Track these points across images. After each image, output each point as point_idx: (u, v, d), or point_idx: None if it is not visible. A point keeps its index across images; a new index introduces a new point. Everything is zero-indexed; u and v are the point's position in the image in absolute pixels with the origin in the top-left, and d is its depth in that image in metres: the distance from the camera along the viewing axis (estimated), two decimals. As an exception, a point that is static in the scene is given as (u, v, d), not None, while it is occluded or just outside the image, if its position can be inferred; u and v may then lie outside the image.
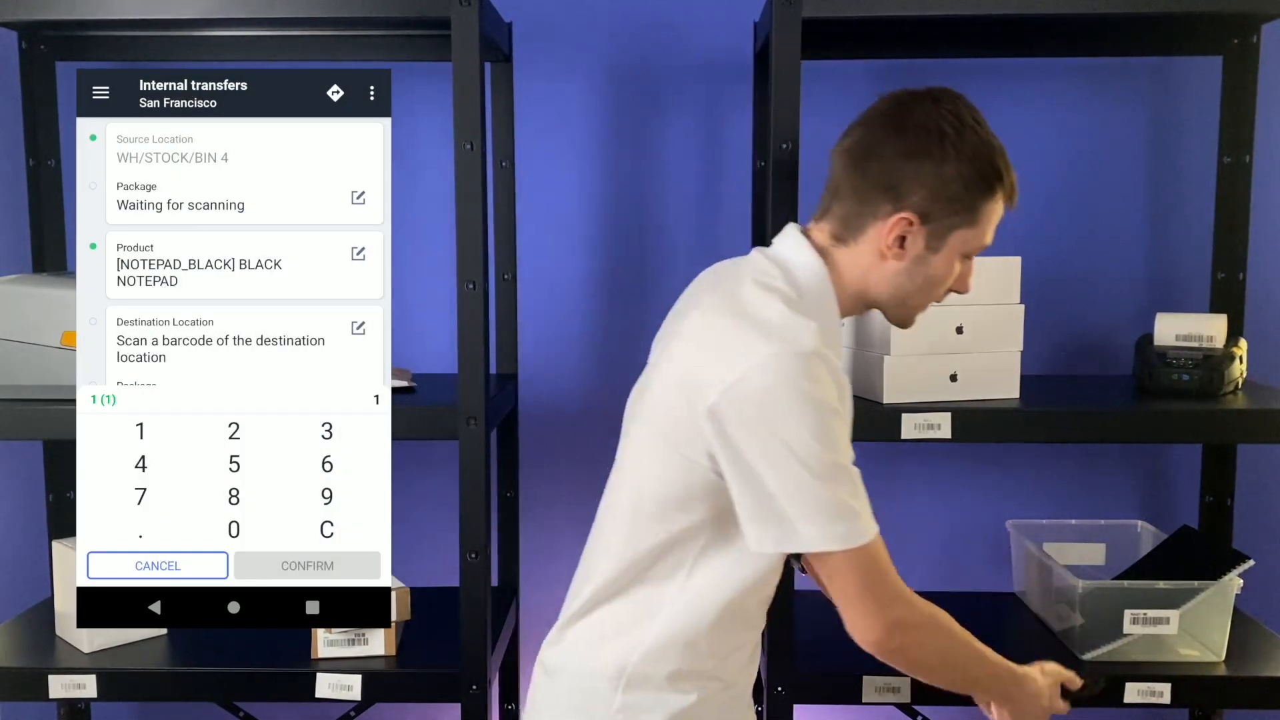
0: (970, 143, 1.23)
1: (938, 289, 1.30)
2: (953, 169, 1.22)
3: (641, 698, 1.23)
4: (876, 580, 1.19)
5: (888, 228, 1.24)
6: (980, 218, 1.25)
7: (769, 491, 1.15)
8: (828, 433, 1.14)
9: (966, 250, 1.27)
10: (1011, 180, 1.27)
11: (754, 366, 1.14)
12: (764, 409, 1.13)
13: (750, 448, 1.15)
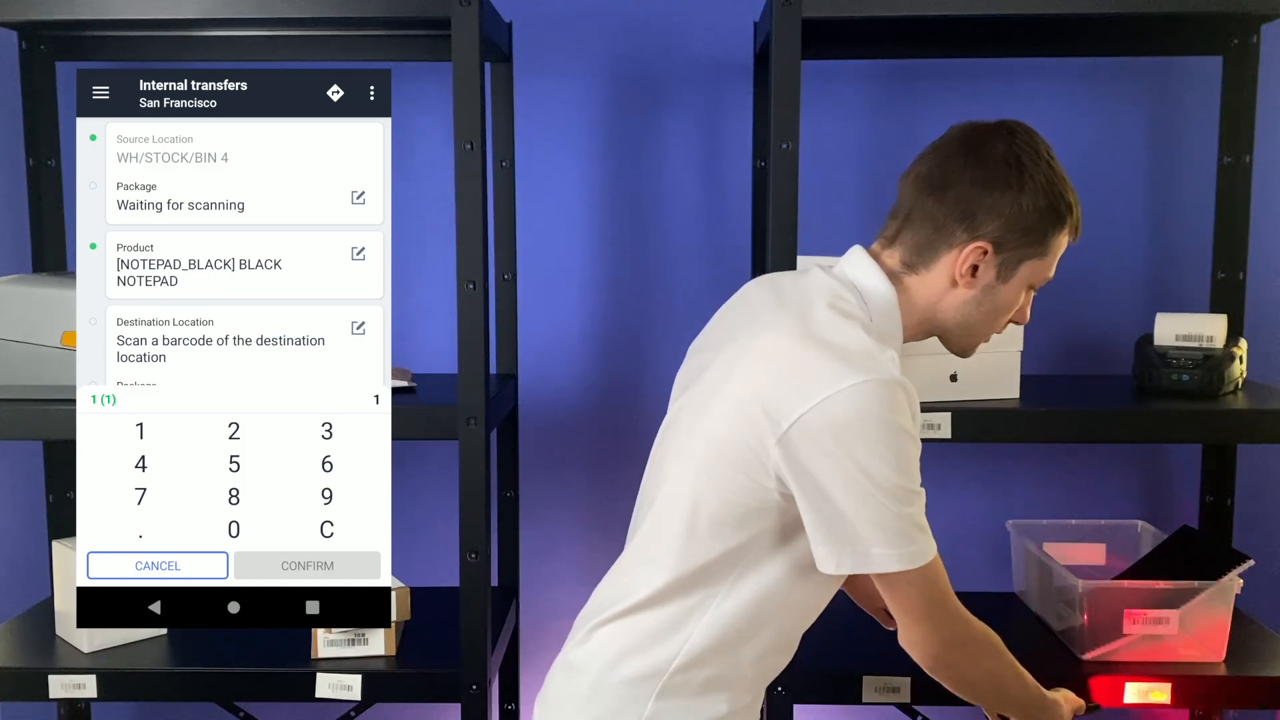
0: (1045, 175, 1.26)
1: (1001, 319, 1.33)
2: (1029, 200, 1.24)
3: (673, 705, 1.23)
4: (939, 598, 1.22)
5: (963, 256, 1.25)
6: (1049, 250, 1.29)
7: (844, 516, 1.16)
8: (906, 461, 1.16)
9: (1034, 282, 1.31)
10: (1079, 214, 1.30)
11: (837, 394, 1.14)
12: (845, 437, 1.14)
13: (827, 474, 1.15)
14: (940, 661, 1.26)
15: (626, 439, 2.18)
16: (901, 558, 1.17)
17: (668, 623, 1.24)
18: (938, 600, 1.22)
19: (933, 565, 1.20)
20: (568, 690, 1.29)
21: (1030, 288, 1.32)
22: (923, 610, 1.22)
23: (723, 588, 1.23)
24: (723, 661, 1.24)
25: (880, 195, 2.17)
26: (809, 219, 1.78)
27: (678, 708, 1.23)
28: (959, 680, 1.30)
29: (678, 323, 2.19)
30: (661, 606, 1.24)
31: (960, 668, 1.29)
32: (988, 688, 1.34)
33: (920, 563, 1.18)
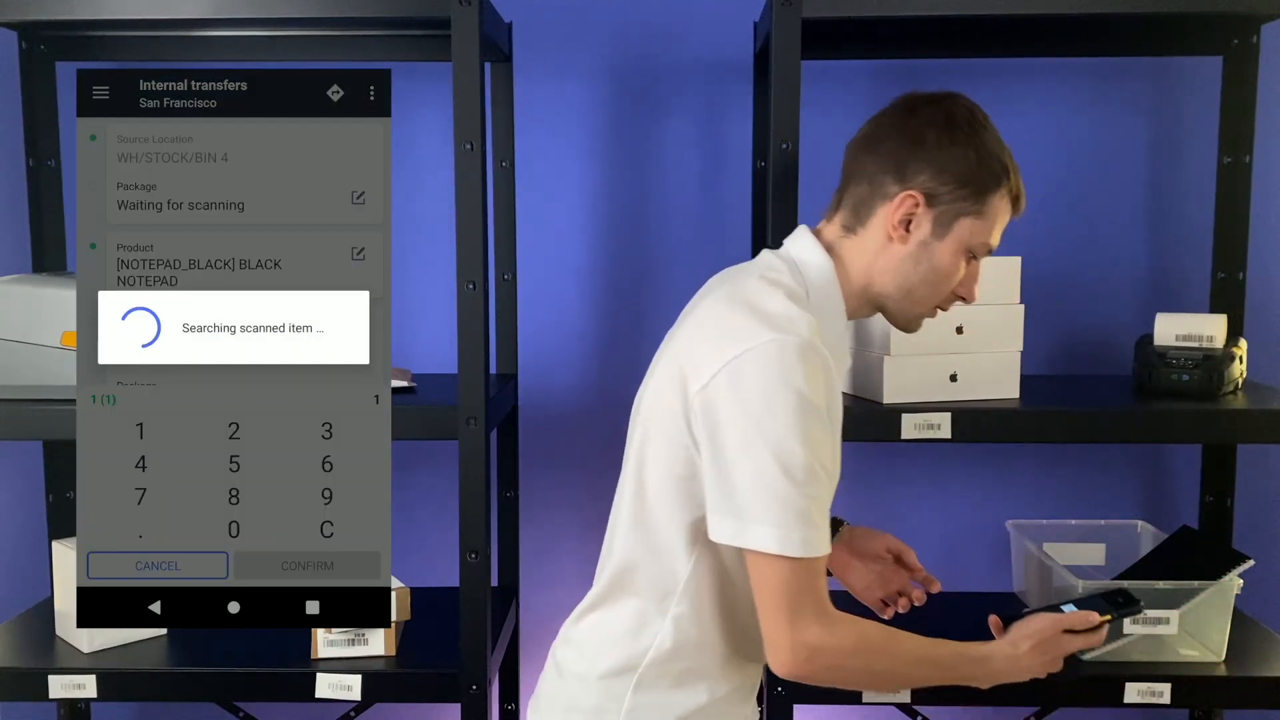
0: (979, 135, 1.25)
1: (942, 284, 1.28)
2: (960, 152, 1.23)
3: (651, 699, 1.23)
4: (804, 600, 1.15)
5: (894, 206, 1.24)
6: (987, 210, 1.26)
7: (735, 481, 1.13)
8: (806, 431, 1.12)
9: (972, 244, 1.27)
10: (1019, 183, 1.28)
11: (748, 351, 1.14)
12: (748, 395, 1.13)
13: (727, 432, 1.14)
14: (795, 673, 1.17)
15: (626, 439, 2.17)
16: (781, 540, 1.12)
17: (636, 615, 1.24)
18: (800, 602, 1.15)
19: (812, 564, 1.14)
20: (554, 688, 1.31)
21: (971, 255, 1.28)
22: (779, 606, 1.15)
23: (684, 574, 1.22)
24: (697, 650, 1.23)
25: (880, 195, 2.17)
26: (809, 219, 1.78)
27: (656, 702, 1.23)
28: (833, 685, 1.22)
29: (678, 323, 2.18)
30: (628, 598, 1.25)
31: (824, 678, 1.20)
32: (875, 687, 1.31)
33: (799, 553, 1.12)
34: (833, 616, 1.17)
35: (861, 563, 1.47)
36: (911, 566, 1.48)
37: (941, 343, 1.71)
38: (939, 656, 1.26)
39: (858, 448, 2.21)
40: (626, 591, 1.25)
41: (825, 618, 1.16)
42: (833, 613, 1.18)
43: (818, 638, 1.15)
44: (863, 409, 1.69)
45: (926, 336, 1.68)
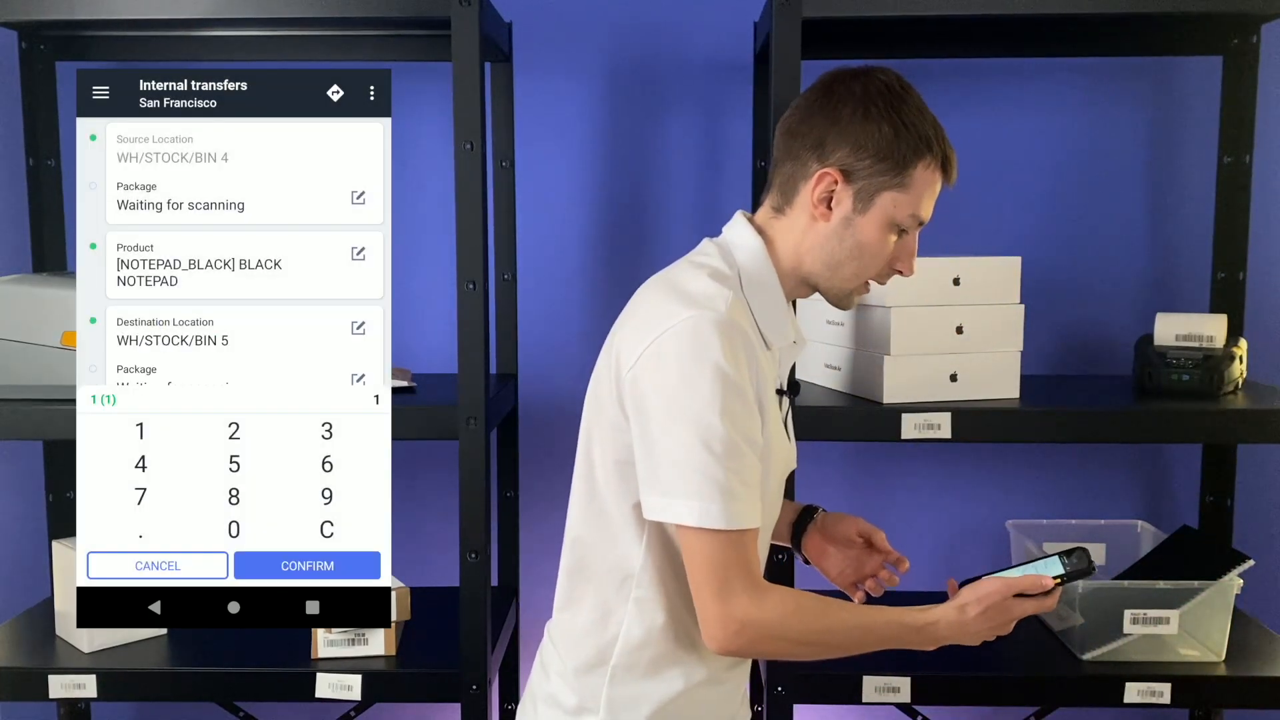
0: (897, 107, 1.23)
1: (869, 259, 1.27)
2: (875, 126, 1.22)
3: (627, 691, 1.23)
4: (731, 573, 1.14)
5: (813, 184, 1.24)
6: (910, 182, 1.23)
7: (657, 457, 1.15)
8: (723, 403, 1.13)
9: (897, 217, 1.24)
10: (946, 151, 1.25)
11: (668, 330, 1.15)
12: (667, 371, 1.14)
13: (650, 409, 1.15)
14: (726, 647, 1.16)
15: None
16: (701, 513, 1.12)
17: (600, 605, 1.24)
18: (728, 575, 1.14)
19: (737, 536, 1.14)
20: (539, 687, 1.32)
21: (899, 228, 1.26)
22: (707, 580, 1.14)
23: (638, 557, 1.22)
24: (664, 635, 1.23)
25: (880, 195, 2.17)
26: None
27: (633, 692, 1.23)
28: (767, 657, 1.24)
29: (678, 323, 2.18)
30: (589, 587, 1.25)
31: (758, 649, 1.20)
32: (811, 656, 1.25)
33: (720, 525, 1.12)
34: (763, 588, 1.17)
35: (835, 548, 1.46)
36: (881, 549, 1.46)
37: (941, 343, 1.71)
38: (876, 624, 1.23)
39: (858, 448, 2.21)
40: (587, 580, 1.26)
41: (755, 590, 1.16)
42: (763, 585, 1.17)
43: (746, 611, 1.15)
44: (863, 409, 1.69)
45: (926, 336, 1.69)
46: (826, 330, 1.84)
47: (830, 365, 1.84)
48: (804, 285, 1.30)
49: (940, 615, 1.24)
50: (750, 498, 1.15)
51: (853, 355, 1.78)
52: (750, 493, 1.15)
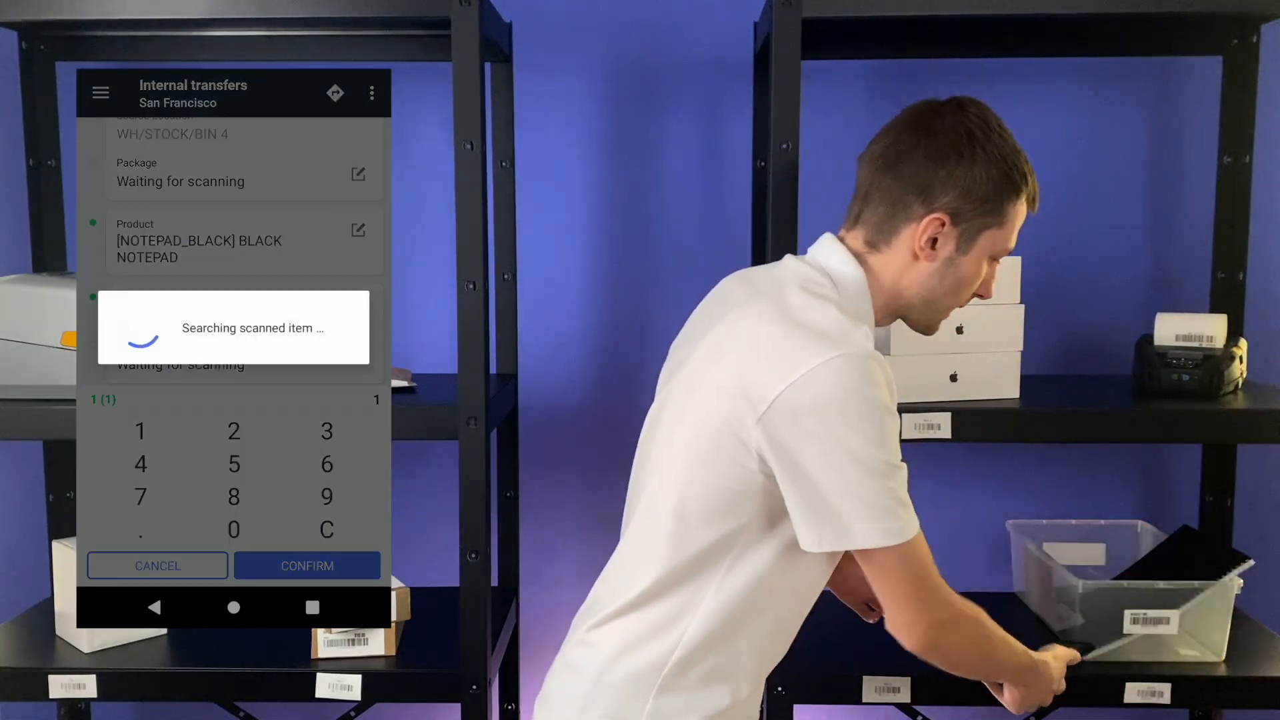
0: (997, 145, 1.27)
1: (964, 292, 1.33)
2: (982, 171, 1.25)
3: (675, 700, 1.23)
4: (922, 578, 1.22)
5: (921, 229, 1.27)
6: (1007, 219, 1.29)
7: (823, 493, 1.16)
8: (884, 435, 1.17)
9: (994, 252, 1.31)
10: (1035, 184, 1.31)
11: (813, 370, 1.15)
12: (823, 412, 1.15)
13: (806, 450, 1.16)
14: (926, 644, 1.25)
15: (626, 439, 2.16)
16: (884, 533, 1.17)
17: (664, 617, 1.24)
18: (921, 579, 1.22)
19: (916, 543, 1.20)
20: (568, 690, 1.30)
21: (992, 259, 1.33)
22: (907, 590, 1.22)
23: (715, 578, 1.23)
24: (721, 652, 1.24)
25: (880, 195, 2.17)
26: (809, 219, 1.78)
27: (679, 703, 1.23)
28: (949, 660, 1.31)
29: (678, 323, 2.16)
30: (657, 601, 1.24)
31: (949, 647, 1.29)
32: (979, 663, 1.35)
33: (902, 539, 1.18)
34: (951, 593, 1.26)
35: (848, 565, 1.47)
36: None
37: (941, 343, 1.71)
38: (1017, 650, 1.37)
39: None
40: (658, 600, 1.25)
41: (946, 593, 1.26)
42: (949, 589, 1.26)
43: (947, 612, 1.26)
44: (863, 409, 1.69)
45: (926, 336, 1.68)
46: (826, 330, 1.84)
47: (830, 365, 1.84)
48: (892, 315, 1.34)
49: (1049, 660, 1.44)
50: (910, 505, 1.20)
51: (853, 355, 1.77)
52: (909, 501, 1.20)
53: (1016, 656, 1.38)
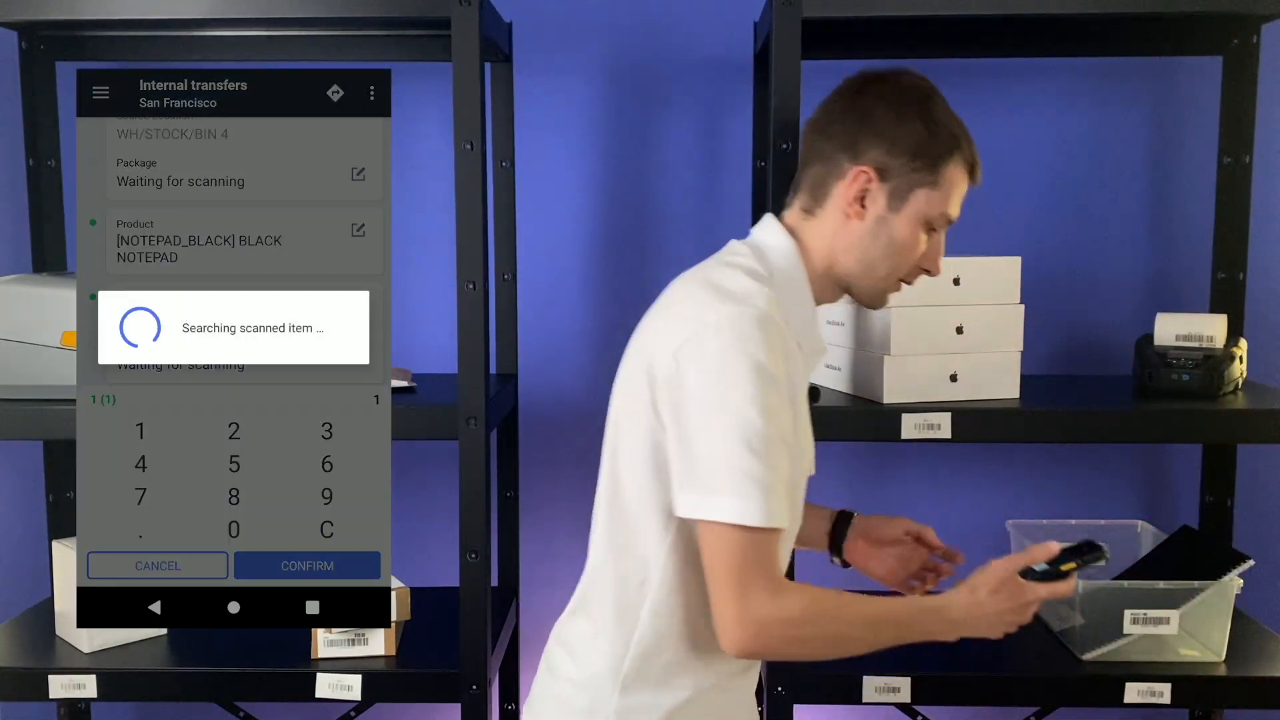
0: (929, 107, 1.25)
1: (902, 257, 1.28)
2: (911, 126, 1.24)
3: (638, 699, 1.23)
4: (755, 572, 1.13)
5: (848, 184, 1.25)
6: (942, 181, 1.25)
7: (696, 455, 1.13)
8: (766, 403, 1.12)
9: (929, 215, 1.26)
10: (973, 152, 1.27)
11: (707, 324, 1.15)
12: (709, 368, 1.14)
13: (689, 406, 1.14)
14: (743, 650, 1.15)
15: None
16: (741, 511, 1.11)
17: (616, 613, 1.24)
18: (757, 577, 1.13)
19: (768, 535, 1.13)
20: (546, 689, 1.31)
21: (930, 227, 1.27)
22: (726, 576, 1.13)
23: (657, 562, 1.21)
24: (678, 644, 1.23)
25: (880, 195, 2.17)
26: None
27: (642, 702, 1.23)
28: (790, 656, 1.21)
29: (678, 323, 2.19)
30: (608, 596, 1.25)
31: (774, 652, 1.18)
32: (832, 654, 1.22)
33: (758, 522, 1.11)
34: (782, 587, 1.15)
35: (880, 549, 1.47)
36: (932, 544, 1.47)
37: (941, 343, 1.71)
38: (893, 613, 1.21)
39: (858, 447, 2.21)
40: (606, 587, 1.25)
41: (773, 589, 1.14)
42: (783, 583, 1.16)
43: (764, 610, 1.13)
44: (863, 409, 1.69)
45: (926, 336, 1.69)
46: (826, 330, 1.84)
47: (830, 365, 1.84)
48: (835, 287, 1.31)
49: (952, 598, 1.23)
50: (783, 496, 1.14)
51: (853, 355, 1.78)
52: (783, 491, 1.14)
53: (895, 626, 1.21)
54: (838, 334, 1.81)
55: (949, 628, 1.22)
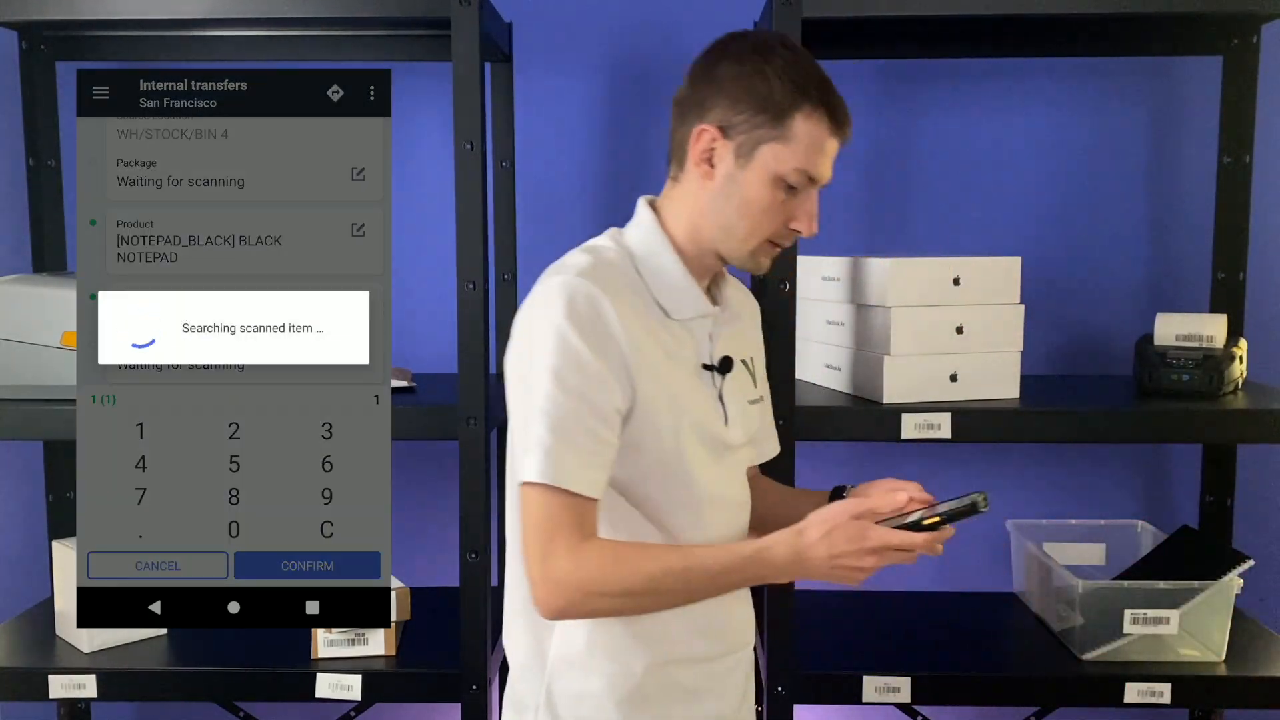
0: (770, 59, 1.21)
1: (758, 217, 1.22)
2: (751, 80, 1.20)
3: (565, 686, 1.23)
4: (557, 534, 1.13)
5: (694, 143, 1.23)
6: (791, 135, 1.20)
7: (513, 423, 1.20)
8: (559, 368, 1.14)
9: (780, 171, 1.20)
10: (830, 101, 1.21)
11: (525, 303, 1.21)
12: (519, 341, 1.20)
13: (509, 380, 1.21)
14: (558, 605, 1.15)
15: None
16: (537, 468, 1.12)
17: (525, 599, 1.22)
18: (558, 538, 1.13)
19: (567, 498, 1.13)
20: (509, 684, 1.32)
21: (786, 183, 1.21)
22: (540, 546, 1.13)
23: None
24: (593, 629, 1.22)
25: (880, 195, 2.17)
26: (809, 219, 1.78)
27: (570, 690, 1.23)
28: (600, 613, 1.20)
29: (678, 323, 2.18)
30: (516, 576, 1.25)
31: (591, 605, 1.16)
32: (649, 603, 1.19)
33: (552, 480, 1.12)
34: (581, 546, 1.14)
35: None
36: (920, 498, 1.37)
37: (941, 343, 1.71)
38: (706, 562, 1.17)
39: (858, 447, 2.21)
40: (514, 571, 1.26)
41: (572, 548, 1.13)
42: (585, 543, 1.14)
43: (563, 569, 1.13)
44: (863, 409, 1.69)
45: (926, 336, 1.69)
46: (826, 330, 1.84)
47: (830, 365, 1.84)
48: (707, 254, 1.27)
49: (775, 539, 1.17)
50: (586, 463, 1.14)
51: (853, 355, 1.78)
52: (587, 459, 1.14)
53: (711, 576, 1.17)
54: (838, 334, 1.81)
55: (773, 571, 1.17)
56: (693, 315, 1.26)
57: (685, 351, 1.25)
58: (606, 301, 1.16)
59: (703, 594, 1.20)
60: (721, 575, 1.17)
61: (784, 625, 1.69)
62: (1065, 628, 1.81)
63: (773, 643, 1.70)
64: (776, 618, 1.69)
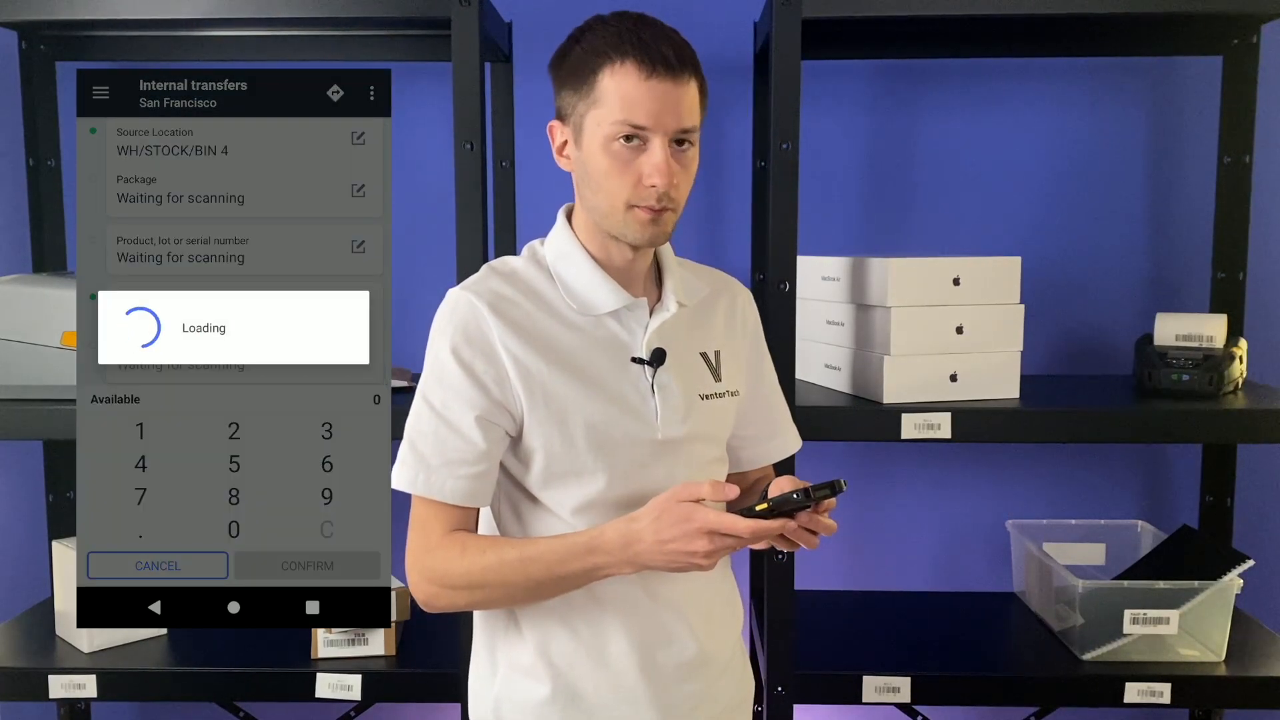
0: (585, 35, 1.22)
1: (606, 182, 1.21)
2: (563, 62, 1.24)
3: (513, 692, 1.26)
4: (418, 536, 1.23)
5: (552, 143, 1.28)
6: (600, 95, 1.19)
7: None
8: (426, 382, 1.23)
9: (605, 131, 1.19)
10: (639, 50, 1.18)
11: None
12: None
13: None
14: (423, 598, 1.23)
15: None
16: (397, 475, 1.22)
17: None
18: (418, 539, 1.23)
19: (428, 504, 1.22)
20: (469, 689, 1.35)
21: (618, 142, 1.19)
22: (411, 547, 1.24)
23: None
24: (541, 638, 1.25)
25: (880, 195, 2.17)
26: (809, 219, 1.78)
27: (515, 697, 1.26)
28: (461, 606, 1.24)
29: (678, 323, 2.18)
30: None
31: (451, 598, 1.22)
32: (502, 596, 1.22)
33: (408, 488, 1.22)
34: (438, 544, 1.22)
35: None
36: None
37: (941, 343, 1.71)
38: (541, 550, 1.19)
39: (858, 447, 2.21)
40: None
41: (433, 545, 1.22)
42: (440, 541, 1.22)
43: (420, 566, 1.23)
44: (863, 409, 1.69)
45: (926, 336, 1.69)
46: (827, 330, 1.84)
47: (830, 365, 1.84)
48: (610, 242, 1.26)
49: (610, 526, 1.17)
50: (443, 472, 1.21)
51: (853, 355, 1.78)
52: (443, 468, 1.21)
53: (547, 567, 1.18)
54: (838, 334, 1.81)
55: (608, 559, 1.16)
56: (611, 308, 1.25)
57: (611, 347, 1.25)
58: (485, 310, 1.22)
59: (549, 585, 1.20)
60: (559, 565, 1.18)
61: (784, 625, 1.69)
62: (1065, 628, 1.81)
63: (773, 643, 1.70)
64: (776, 618, 1.69)
